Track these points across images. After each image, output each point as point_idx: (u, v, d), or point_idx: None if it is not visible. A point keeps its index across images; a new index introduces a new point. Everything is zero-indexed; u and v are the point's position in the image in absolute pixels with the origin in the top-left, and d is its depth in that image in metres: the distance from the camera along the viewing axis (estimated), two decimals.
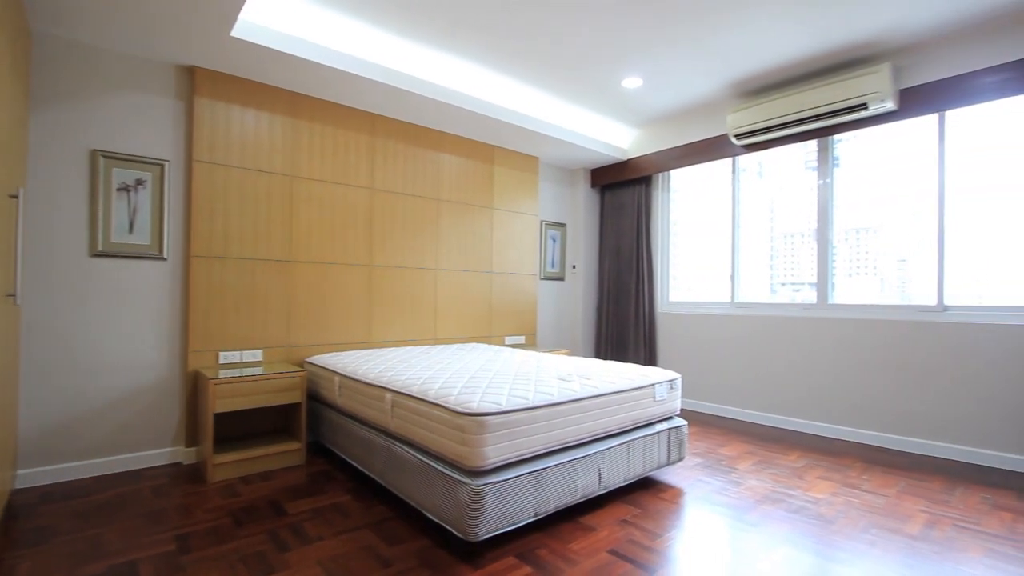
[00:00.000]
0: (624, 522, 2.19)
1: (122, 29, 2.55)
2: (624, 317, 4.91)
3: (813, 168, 3.79)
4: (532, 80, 3.65)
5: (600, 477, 2.28)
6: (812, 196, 3.78)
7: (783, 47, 3.13)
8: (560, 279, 5.13)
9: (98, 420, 2.70)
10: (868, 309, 3.46)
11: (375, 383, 2.47)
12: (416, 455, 2.12)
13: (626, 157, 4.81)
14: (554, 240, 5.05)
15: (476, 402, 1.95)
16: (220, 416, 3.01)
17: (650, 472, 2.58)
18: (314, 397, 3.14)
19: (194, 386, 2.94)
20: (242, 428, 3.09)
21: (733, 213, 4.27)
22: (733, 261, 4.26)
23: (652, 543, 2.00)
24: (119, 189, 2.75)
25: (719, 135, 4.12)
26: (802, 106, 3.40)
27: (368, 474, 2.51)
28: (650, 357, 4.68)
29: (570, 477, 2.14)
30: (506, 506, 1.89)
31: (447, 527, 1.90)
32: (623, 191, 4.95)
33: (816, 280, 3.74)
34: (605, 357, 4.99)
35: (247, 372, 2.80)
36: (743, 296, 4.24)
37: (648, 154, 4.64)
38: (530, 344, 4.72)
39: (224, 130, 3.03)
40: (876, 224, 3.52)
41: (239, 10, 2.37)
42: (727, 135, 4.04)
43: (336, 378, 2.83)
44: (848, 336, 3.50)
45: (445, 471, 1.93)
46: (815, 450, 3.25)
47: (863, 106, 3.16)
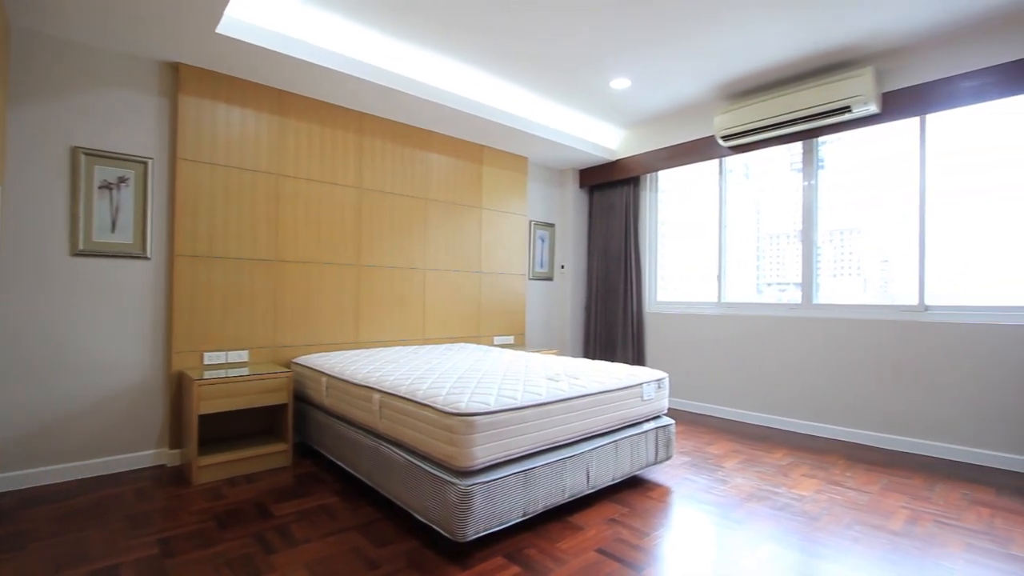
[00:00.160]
0: (612, 521, 2.20)
1: (104, 24, 2.50)
2: (612, 317, 4.94)
3: (798, 170, 3.85)
4: (521, 80, 3.65)
5: (588, 476, 2.29)
6: (797, 197, 3.83)
7: (770, 50, 3.17)
8: (549, 279, 5.14)
9: (80, 422, 2.65)
10: (852, 309, 3.51)
11: (363, 383, 2.45)
12: (404, 456, 2.11)
13: (614, 158, 4.83)
14: (543, 240, 5.06)
15: (464, 402, 1.94)
16: (205, 417, 2.97)
17: (638, 471, 2.60)
18: (301, 398, 3.11)
19: (178, 387, 2.90)
20: (227, 430, 3.06)
21: (720, 214, 4.31)
22: (720, 261, 4.31)
23: (640, 541, 2.02)
24: (101, 187, 2.70)
25: (706, 136, 4.16)
26: (787, 108, 3.45)
27: (355, 475, 2.50)
28: (638, 357, 4.71)
29: (558, 477, 2.15)
30: (494, 506, 1.89)
31: (435, 528, 1.90)
32: (611, 191, 4.98)
33: (801, 280, 3.79)
34: (593, 357, 5.01)
35: (232, 373, 2.77)
36: (730, 296, 4.29)
37: (636, 155, 4.67)
38: (519, 344, 4.72)
39: (209, 128, 2.99)
40: (859, 225, 3.57)
41: (225, 6, 2.34)
42: (714, 136, 4.07)
43: (323, 379, 2.81)
44: (832, 335, 3.55)
45: (433, 471, 1.93)
46: (800, 448, 3.29)
47: (847, 109, 3.21)
